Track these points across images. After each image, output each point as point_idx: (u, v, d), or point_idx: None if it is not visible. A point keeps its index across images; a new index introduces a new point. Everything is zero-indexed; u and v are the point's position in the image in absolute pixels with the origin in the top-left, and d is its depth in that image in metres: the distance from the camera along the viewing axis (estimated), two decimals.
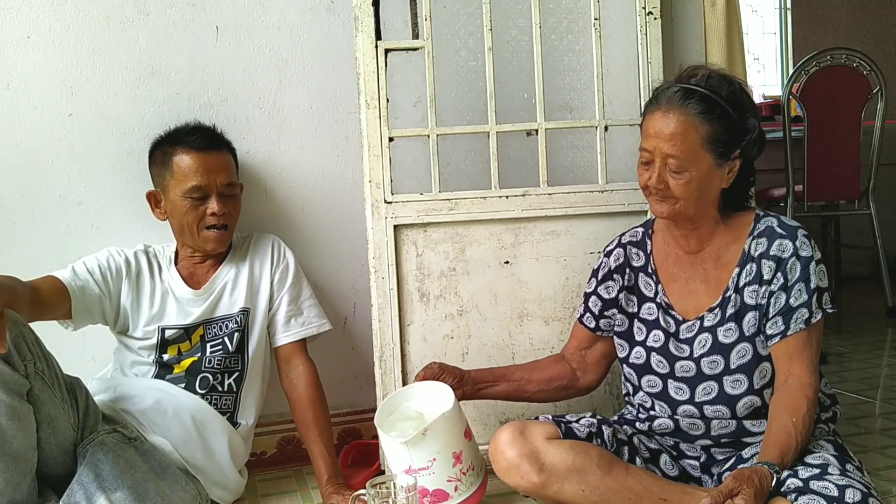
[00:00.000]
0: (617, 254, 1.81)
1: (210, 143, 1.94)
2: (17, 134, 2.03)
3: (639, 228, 1.83)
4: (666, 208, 1.63)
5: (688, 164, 1.57)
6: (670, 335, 1.69)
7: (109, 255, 1.94)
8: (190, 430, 1.85)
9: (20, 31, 2.02)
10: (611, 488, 1.56)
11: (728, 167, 1.61)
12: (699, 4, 2.36)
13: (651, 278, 1.75)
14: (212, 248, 1.95)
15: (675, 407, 1.67)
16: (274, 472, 2.19)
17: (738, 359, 1.61)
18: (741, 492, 1.34)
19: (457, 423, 1.68)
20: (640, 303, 1.76)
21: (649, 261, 1.77)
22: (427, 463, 1.64)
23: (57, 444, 1.64)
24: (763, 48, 5.47)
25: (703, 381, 1.63)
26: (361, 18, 1.97)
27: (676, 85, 1.61)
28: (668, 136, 1.57)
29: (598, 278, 1.82)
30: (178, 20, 2.11)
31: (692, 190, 1.58)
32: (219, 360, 1.94)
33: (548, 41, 2.13)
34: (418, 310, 2.05)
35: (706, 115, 1.57)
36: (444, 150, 2.08)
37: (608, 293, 1.80)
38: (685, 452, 1.70)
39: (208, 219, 1.91)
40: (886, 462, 2.04)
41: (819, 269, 1.59)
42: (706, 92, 1.58)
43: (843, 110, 3.75)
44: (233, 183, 1.96)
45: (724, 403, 1.62)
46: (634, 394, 1.76)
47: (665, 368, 1.68)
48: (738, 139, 1.60)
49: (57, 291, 1.80)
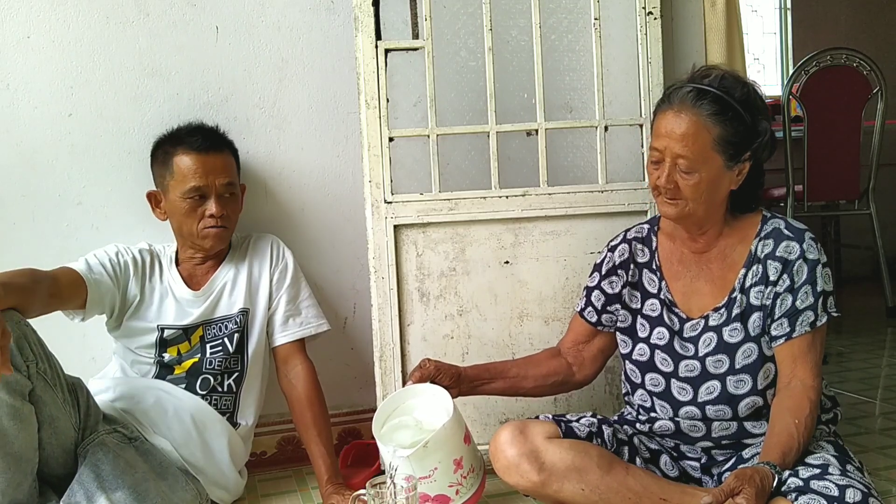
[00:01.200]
0: (622, 249, 1.80)
1: (210, 145, 1.94)
2: (17, 134, 2.03)
3: (644, 225, 1.82)
4: (674, 210, 1.62)
5: (698, 164, 1.56)
6: (675, 333, 1.69)
7: (118, 250, 1.94)
8: (190, 431, 1.85)
9: (20, 31, 2.02)
10: (611, 488, 1.56)
11: (738, 169, 1.60)
12: (699, 4, 2.36)
13: (655, 275, 1.75)
14: (210, 245, 1.94)
15: (678, 408, 1.66)
16: (274, 472, 2.19)
17: (744, 359, 1.61)
18: (742, 491, 1.34)
19: (457, 431, 1.65)
20: (643, 299, 1.76)
21: (654, 257, 1.77)
22: (429, 472, 1.62)
23: (58, 445, 1.64)
24: (763, 48, 5.47)
25: (707, 380, 1.63)
26: (361, 18, 1.97)
27: (689, 85, 1.59)
28: (680, 136, 1.56)
29: (602, 273, 1.81)
30: (178, 20, 2.11)
31: (702, 191, 1.58)
32: (219, 361, 1.94)
33: (548, 41, 2.13)
34: (418, 310, 2.05)
35: (718, 116, 1.55)
36: (444, 150, 2.08)
37: (612, 288, 1.79)
38: (685, 454, 1.70)
39: (207, 220, 1.91)
40: (886, 462, 2.04)
41: (825, 272, 1.59)
42: (719, 93, 1.56)
43: (843, 110, 3.75)
44: (232, 183, 1.96)
45: (727, 403, 1.62)
46: (634, 392, 1.75)
47: (669, 367, 1.67)
48: (749, 142, 1.59)
49: (75, 283, 1.81)
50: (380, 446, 1.66)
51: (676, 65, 2.31)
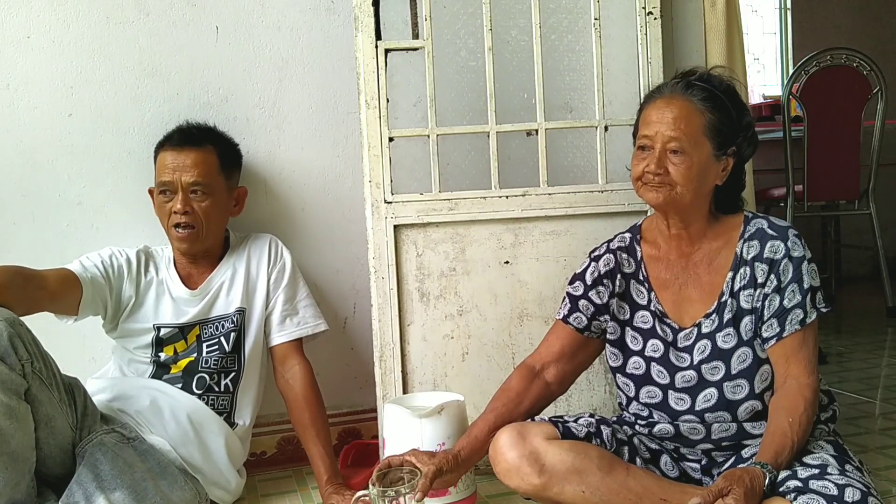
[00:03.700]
0: (607, 259, 1.75)
1: (186, 140, 1.92)
2: (17, 134, 2.04)
3: (626, 234, 1.78)
4: (662, 195, 1.60)
5: (689, 147, 1.57)
6: (669, 344, 1.67)
7: (112, 252, 1.94)
8: (187, 430, 1.85)
9: (20, 31, 2.02)
10: (611, 489, 1.56)
11: (724, 163, 1.62)
12: (699, 4, 2.36)
13: (643, 286, 1.72)
14: (177, 246, 1.94)
15: (676, 417, 1.66)
16: (274, 472, 2.19)
17: (739, 363, 1.61)
18: (731, 491, 1.34)
19: (466, 420, 1.75)
20: (632, 311, 1.73)
21: (640, 267, 1.73)
22: (436, 447, 1.67)
23: (55, 444, 1.64)
24: (763, 48, 5.47)
25: (704, 388, 1.62)
26: (361, 18, 1.97)
27: (678, 78, 1.64)
28: (672, 120, 1.58)
29: (588, 283, 1.75)
30: (178, 20, 2.11)
31: (692, 176, 1.58)
32: (215, 360, 1.94)
33: (548, 41, 2.13)
34: (418, 310, 2.05)
35: (708, 102, 1.59)
36: (444, 150, 2.08)
37: (600, 298, 1.73)
38: (685, 456, 1.70)
39: (173, 217, 1.90)
40: (886, 462, 2.04)
41: (811, 268, 1.59)
42: (706, 85, 1.61)
43: (843, 110, 3.75)
44: (203, 182, 1.91)
45: (725, 409, 1.61)
46: (628, 405, 1.74)
47: (666, 379, 1.67)
48: (734, 134, 1.61)
49: (69, 281, 1.81)
50: (390, 411, 1.73)
51: (676, 65, 2.30)
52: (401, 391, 2.02)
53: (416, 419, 1.69)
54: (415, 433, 1.69)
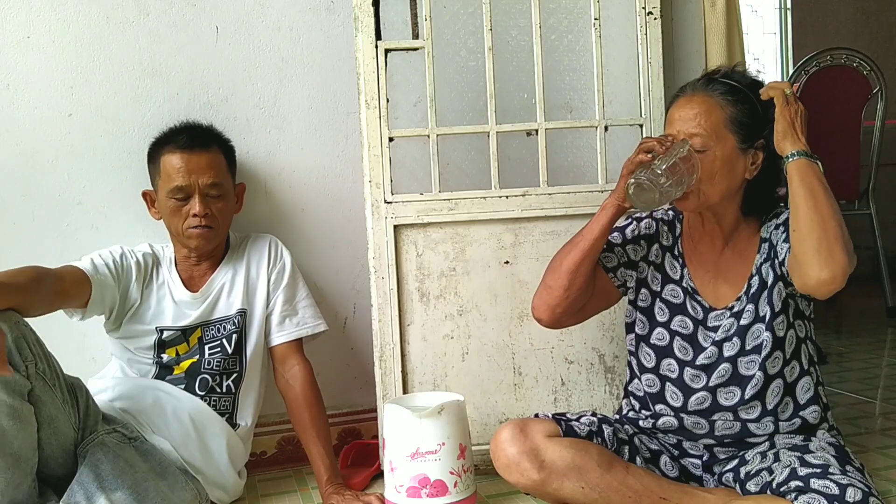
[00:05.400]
0: (648, 223, 1.79)
1: (195, 142, 1.92)
2: (17, 134, 2.03)
3: (670, 210, 1.81)
4: (691, 203, 1.62)
5: (711, 141, 1.58)
6: (698, 322, 1.69)
7: (123, 252, 1.93)
8: (189, 431, 1.85)
9: (20, 31, 2.02)
10: (610, 486, 1.56)
11: (752, 156, 1.62)
12: (699, 4, 2.36)
13: (677, 261, 1.74)
14: (195, 244, 1.93)
15: (689, 395, 1.66)
16: (274, 473, 2.19)
17: (753, 340, 1.62)
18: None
19: (466, 419, 1.76)
20: (663, 283, 1.74)
21: (677, 243, 1.76)
22: (436, 447, 1.67)
23: (57, 445, 1.64)
24: (763, 48, 5.48)
25: (721, 363, 1.64)
26: (361, 18, 1.97)
27: (701, 77, 1.68)
28: (693, 116, 1.60)
29: (627, 237, 1.77)
30: (178, 20, 2.11)
31: (716, 170, 1.58)
32: (217, 361, 1.94)
33: (548, 41, 2.13)
34: (418, 310, 2.05)
35: (730, 96, 1.61)
36: (444, 150, 2.08)
37: (635, 255, 1.77)
38: (688, 451, 1.71)
39: (191, 219, 1.90)
40: (886, 462, 2.04)
41: None
42: (727, 80, 1.63)
43: (843, 110, 3.75)
44: (218, 183, 1.92)
45: (737, 384, 1.63)
46: (642, 375, 1.74)
47: (688, 355, 1.67)
48: (761, 127, 1.61)
49: (80, 281, 1.81)
50: (390, 411, 1.74)
51: (676, 65, 2.31)
52: (401, 391, 2.02)
53: (416, 419, 1.69)
54: (415, 433, 1.69)
